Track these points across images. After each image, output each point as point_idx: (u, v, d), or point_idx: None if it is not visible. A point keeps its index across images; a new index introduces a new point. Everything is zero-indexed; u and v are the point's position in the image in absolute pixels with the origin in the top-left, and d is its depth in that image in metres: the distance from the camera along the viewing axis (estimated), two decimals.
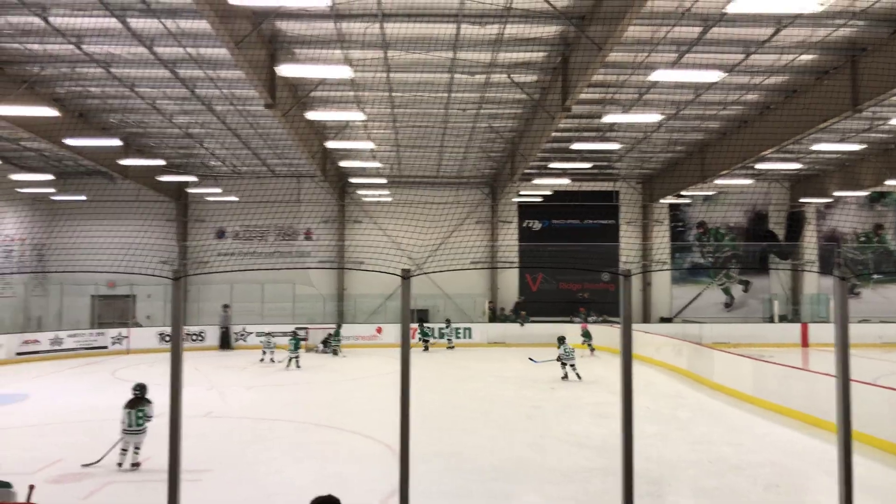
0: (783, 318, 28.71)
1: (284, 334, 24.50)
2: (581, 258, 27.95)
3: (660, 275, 29.79)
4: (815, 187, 28.06)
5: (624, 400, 3.81)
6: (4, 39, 13.95)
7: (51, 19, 12.75)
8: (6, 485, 5.30)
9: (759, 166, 23.39)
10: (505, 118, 19.96)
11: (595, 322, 27.20)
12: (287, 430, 12.09)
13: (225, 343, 25.50)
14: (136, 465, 9.35)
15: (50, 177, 24.30)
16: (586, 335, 23.97)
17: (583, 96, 16.25)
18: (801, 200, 28.92)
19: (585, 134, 21.16)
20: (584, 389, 16.42)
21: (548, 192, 28.32)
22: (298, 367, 20.21)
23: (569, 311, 28.33)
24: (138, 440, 9.43)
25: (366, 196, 28.71)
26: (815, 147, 21.35)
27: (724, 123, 20.36)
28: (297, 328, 24.54)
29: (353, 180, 28.09)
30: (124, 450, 9.36)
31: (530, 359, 19.51)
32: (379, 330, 26.69)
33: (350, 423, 12.40)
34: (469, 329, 27.12)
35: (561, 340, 18.14)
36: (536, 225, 29.97)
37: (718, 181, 24.60)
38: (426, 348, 24.69)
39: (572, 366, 17.77)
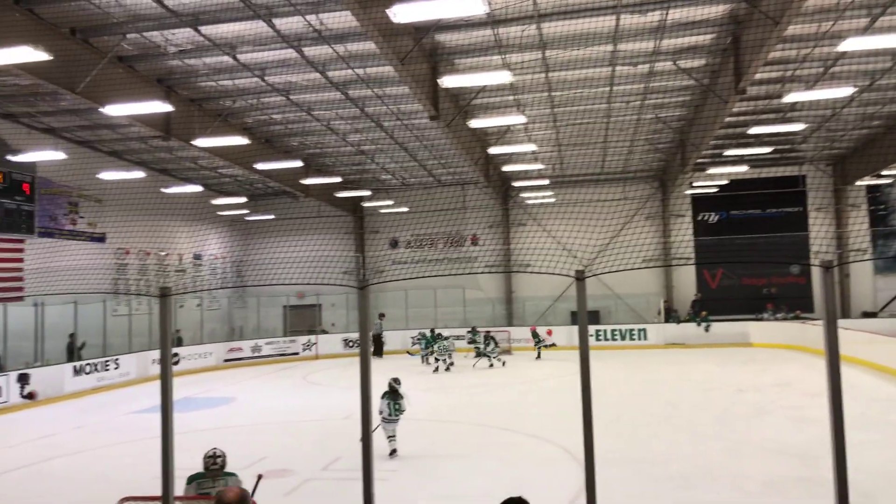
0: None
1: (458, 338, 25.20)
2: (766, 250, 25.88)
3: (860, 265, 26.76)
4: None
5: (833, 403, 3.44)
6: (202, 79, 15.65)
7: (239, 56, 14.10)
8: (233, 474, 5.96)
9: None
10: (672, 107, 19.03)
11: (785, 318, 25.10)
12: (466, 432, 12.34)
13: (378, 350, 25.94)
14: (393, 451, 10.12)
15: (243, 199, 26.82)
16: (535, 336, 24.13)
17: (758, 76, 15.08)
18: None
19: (764, 116, 19.59)
20: (776, 392, 15.16)
21: (724, 182, 26.50)
22: (503, 364, 21.68)
23: (754, 308, 26.33)
24: (393, 428, 10.21)
25: (529, 198, 28.66)
26: None
27: None
28: (486, 330, 24.75)
29: (516, 184, 28.18)
30: (390, 437, 10.11)
31: (408, 352, 19.56)
32: (549, 332, 26.49)
33: (528, 426, 12.39)
34: (644, 330, 26.12)
35: (474, 332, 21.95)
36: (713, 217, 28.13)
37: None
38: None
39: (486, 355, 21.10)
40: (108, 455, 11.50)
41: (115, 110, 13.68)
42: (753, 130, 18.67)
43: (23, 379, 16.72)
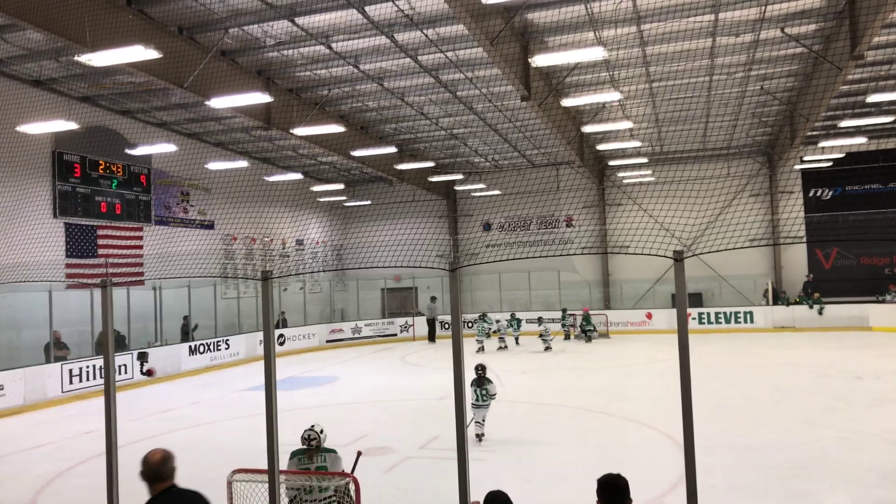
0: None
1: (553, 321, 25.02)
2: (887, 227, 24.03)
3: None
4: None
5: None
6: (299, 69, 16.14)
7: (333, 45, 14.44)
8: (331, 451, 6.15)
9: None
10: (779, 77, 17.93)
11: None
12: (563, 415, 12.26)
13: (432, 335, 25.89)
14: (480, 435, 10.28)
15: (341, 186, 27.57)
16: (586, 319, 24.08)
17: (877, 40, 13.96)
18: None
19: (884, 83, 18.12)
20: None
21: (839, 156, 24.74)
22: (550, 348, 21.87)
23: (874, 289, 24.57)
24: (482, 414, 10.37)
25: (626, 177, 27.86)
26: None
27: None
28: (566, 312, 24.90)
29: (612, 163, 27.44)
30: (477, 422, 10.31)
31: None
32: (649, 315, 25.82)
33: (626, 410, 12.16)
34: (750, 313, 24.97)
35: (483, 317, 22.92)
36: (826, 193, 26.36)
37: None
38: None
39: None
40: (221, 429, 12.21)
41: (219, 103, 14.35)
42: (872, 98, 17.28)
43: (142, 357, 17.97)
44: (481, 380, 10.45)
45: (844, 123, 20.33)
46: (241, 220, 23.46)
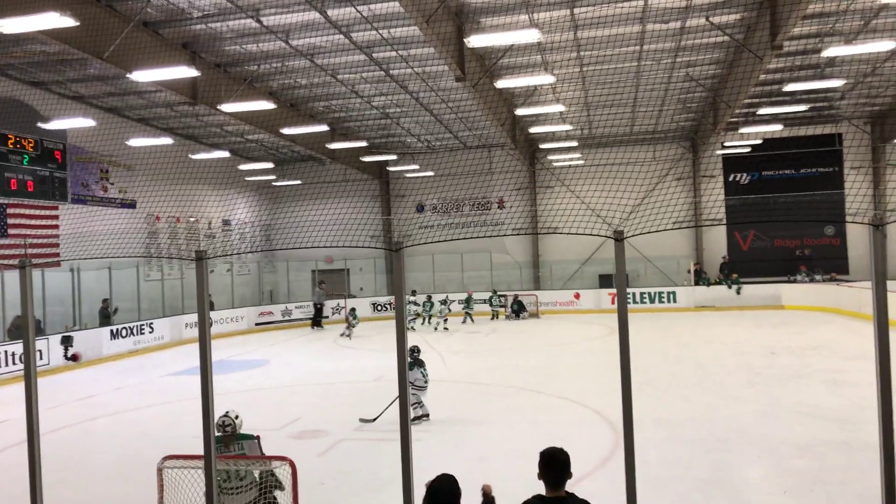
0: None
1: (484, 301, 25.38)
2: (800, 211, 25.34)
3: None
4: None
5: (880, 366, 3.36)
6: (226, 43, 15.57)
7: (262, 19, 13.98)
8: (249, 437, 5.95)
9: None
10: (704, 64, 18.51)
11: (822, 281, 24.68)
12: (497, 394, 12.43)
13: (317, 321, 25.13)
14: (424, 416, 10.29)
15: (270, 165, 26.91)
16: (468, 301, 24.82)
17: (795, 31, 14.56)
18: None
19: (800, 73, 18.99)
20: (811, 355, 14.99)
21: (757, 142, 25.85)
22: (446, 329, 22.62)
23: (787, 269, 25.93)
24: (421, 396, 10.36)
25: (557, 160, 28.31)
26: None
27: None
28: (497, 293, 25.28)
29: (544, 146, 27.81)
30: (415, 404, 10.25)
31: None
32: (577, 296, 26.44)
33: (558, 388, 12.43)
34: (673, 293, 25.93)
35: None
36: (745, 178, 27.55)
37: None
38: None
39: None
40: (147, 415, 11.81)
41: (141, 76, 13.72)
42: (789, 88, 18.10)
43: (66, 341, 17.16)
44: (416, 361, 10.45)
45: (763, 111, 21.23)
46: (165, 199, 22.56)
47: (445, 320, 23.40)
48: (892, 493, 3.32)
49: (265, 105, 16.91)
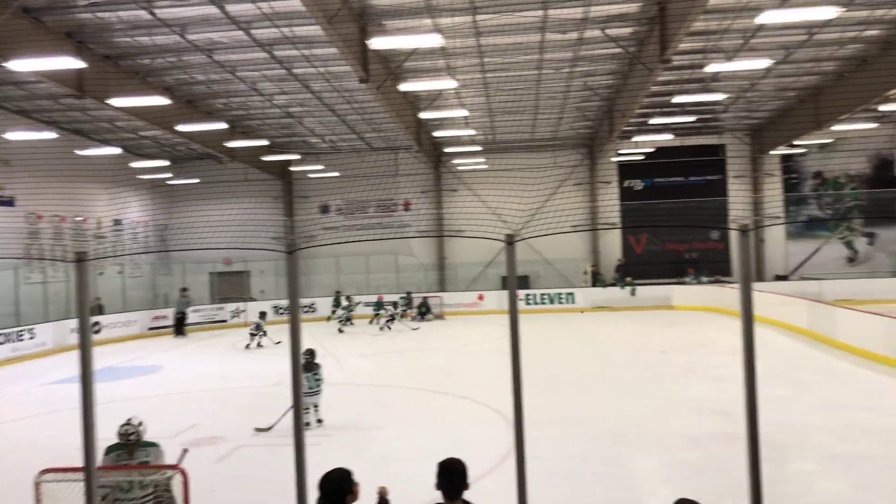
0: None
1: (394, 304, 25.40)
2: (688, 216, 26.84)
3: (774, 231, 28.16)
4: None
5: (746, 362, 3.62)
6: (117, 34, 14.81)
7: (156, 11, 13.40)
8: (153, 444, 5.75)
9: (883, 108, 21.50)
10: (600, 75, 19.30)
11: (708, 283, 26.19)
12: (401, 396, 12.46)
13: (179, 329, 23.63)
14: (319, 420, 10.19)
15: (165, 163, 25.78)
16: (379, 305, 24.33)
17: (683, 46, 15.40)
18: None
19: (687, 86, 20.15)
20: (698, 353, 15.90)
21: (649, 150, 27.24)
22: (390, 328, 22.51)
23: (677, 272, 27.39)
24: (315, 400, 10.20)
25: (461, 164, 28.71)
26: None
27: (841, 64, 18.80)
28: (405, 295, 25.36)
29: (449, 150, 28.14)
30: (306, 409, 10.04)
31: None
32: (481, 297, 26.86)
33: (461, 389, 12.59)
34: (571, 294, 26.80)
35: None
36: (638, 184, 28.91)
37: (836, 127, 22.82)
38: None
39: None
40: (27, 426, 11.08)
41: (20, 65, 12.84)
42: (677, 99, 19.21)
43: None
44: (310, 365, 10.29)
45: (654, 121, 22.37)
46: (47, 196, 21.16)
47: (392, 319, 23.34)
48: (756, 479, 3.59)
49: (160, 101, 16.21)
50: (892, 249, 27.49)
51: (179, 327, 23.63)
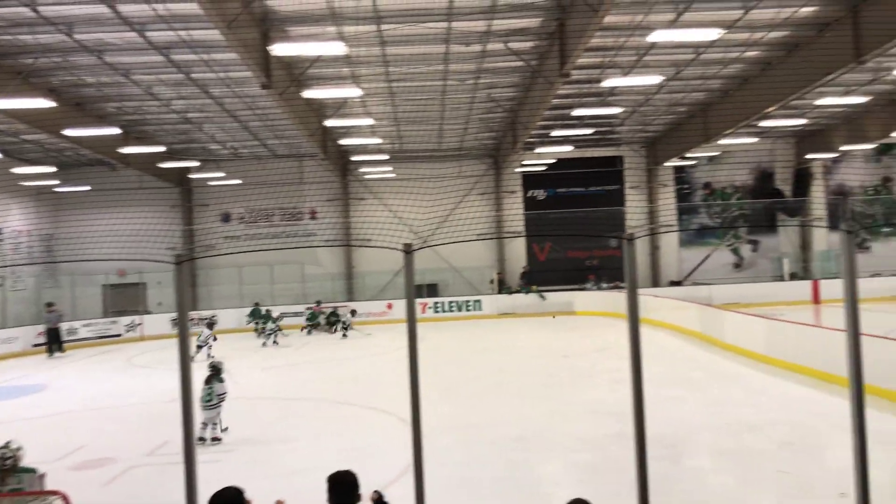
0: (794, 276, 28.57)
1: (298, 314, 24.94)
2: (586, 225, 27.83)
3: (668, 238, 29.63)
4: (820, 142, 27.72)
5: (633, 365, 3.79)
6: None
7: (40, 9, 12.62)
8: (30, 471, 5.40)
9: (763, 124, 23.11)
10: (504, 87, 19.74)
11: (608, 289, 27.16)
12: (305, 408, 12.22)
13: (54, 345, 21.70)
14: (215, 439, 9.75)
15: (52, 168, 24.25)
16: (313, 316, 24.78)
17: (581, 61, 15.99)
18: (808, 157, 28.60)
19: (586, 100, 20.92)
20: (597, 357, 16.46)
21: (551, 161, 28.08)
22: (276, 343, 21.62)
23: (578, 279, 28.29)
24: (209, 416, 9.78)
25: (368, 173, 28.58)
26: (820, 102, 21.02)
27: (726, 82, 20.08)
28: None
29: (355, 158, 27.94)
30: (204, 424, 9.67)
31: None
32: (389, 306, 26.77)
33: (366, 398, 12.50)
34: (479, 301, 27.15)
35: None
36: (541, 194, 29.75)
37: (722, 141, 24.32)
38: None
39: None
40: None
41: None
42: (576, 112, 19.93)
43: None
44: (209, 378, 9.96)
45: (555, 133, 23.09)
46: None
47: (278, 331, 22.24)
48: (644, 476, 3.75)
49: (44, 103, 15.25)
50: (773, 256, 29.54)
51: (52, 344, 21.72)
